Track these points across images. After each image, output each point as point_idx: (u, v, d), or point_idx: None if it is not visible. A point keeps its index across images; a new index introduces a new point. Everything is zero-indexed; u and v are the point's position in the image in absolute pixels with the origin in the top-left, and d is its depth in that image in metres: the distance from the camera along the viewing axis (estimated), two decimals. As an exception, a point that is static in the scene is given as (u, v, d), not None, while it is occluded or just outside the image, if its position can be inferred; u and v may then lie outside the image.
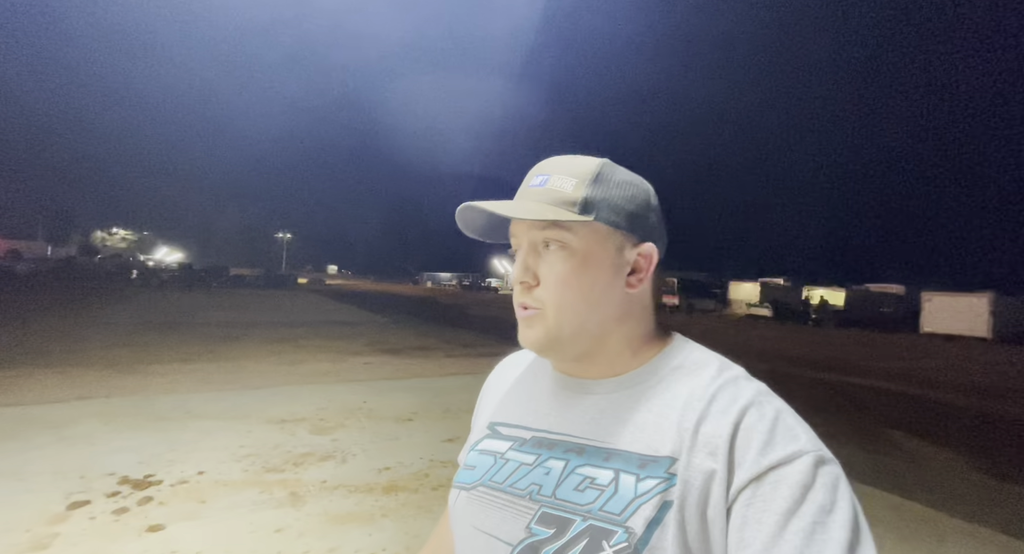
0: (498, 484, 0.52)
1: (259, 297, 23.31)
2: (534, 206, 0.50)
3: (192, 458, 3.24)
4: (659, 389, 0.50)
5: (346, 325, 12.70)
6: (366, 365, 7.09)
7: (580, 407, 0.53)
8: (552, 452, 0.51)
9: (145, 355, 6.91)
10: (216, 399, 4.75)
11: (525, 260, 0.52)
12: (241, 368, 6.37)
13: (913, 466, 4.00)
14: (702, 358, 0.52)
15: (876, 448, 4.41)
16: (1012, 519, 3.02)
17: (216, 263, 42.08)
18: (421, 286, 64.69)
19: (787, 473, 0.40)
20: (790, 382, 7.61)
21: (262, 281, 35.15)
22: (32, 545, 2.17)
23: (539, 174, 0.53)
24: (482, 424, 0.62)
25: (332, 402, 4.82)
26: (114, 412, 4.14)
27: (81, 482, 2.81)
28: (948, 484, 3.63)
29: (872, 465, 3.92)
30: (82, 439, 3.49)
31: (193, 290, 25.79)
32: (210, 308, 15.93)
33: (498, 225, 0.56)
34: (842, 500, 0.40)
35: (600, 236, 0.51)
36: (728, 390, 0.47)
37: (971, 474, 3.89)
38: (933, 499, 3.25)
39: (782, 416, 0.45)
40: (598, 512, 0.45)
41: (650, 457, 0.46)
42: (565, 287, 0.50)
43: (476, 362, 7.63)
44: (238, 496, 2.75)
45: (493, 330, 12.88)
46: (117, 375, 5.58)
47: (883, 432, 5.01)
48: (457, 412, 4.68)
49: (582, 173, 0.51)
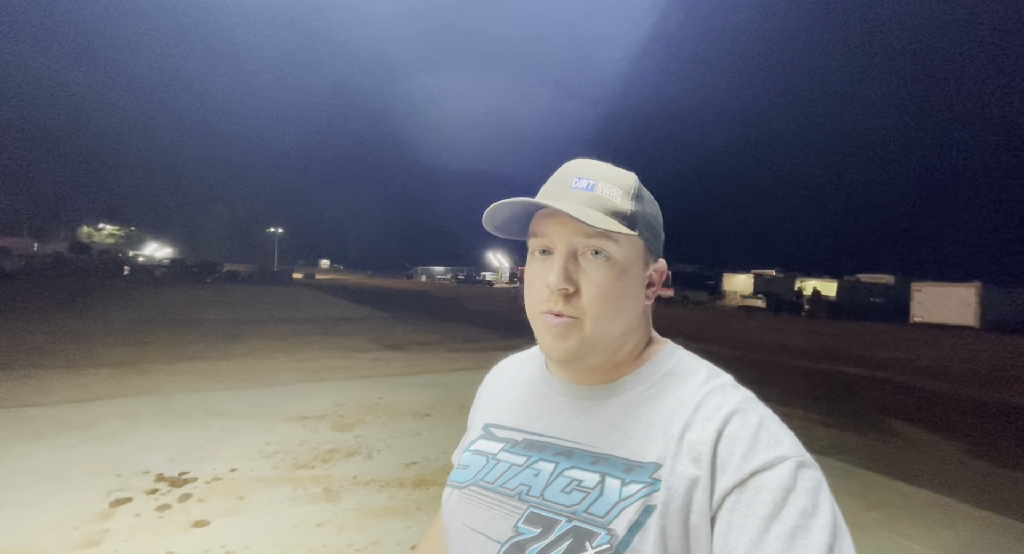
0: (489, 484, 0.53)
1: (256, 293, 23.18)
2: (593, 213, 0.49)
3: (222, 455, 3.31)
4: (648, 395, 0.51)
5: (347, 321, 12.73)
6: (374, 361, 7.16)
7: (572, 411, 0.54)
8: (542, 454, 0.52)
9: (152, 354, 6.92)
10: (234, 397, 4.81)
11: (566, 267, 0.50)
12: (251, 366, 6.41)
13: (915, 453, 4.17)
14: (691, 365, 0.53)
15: (876, 436, 4.58)
16: (1013, 503, 3.19)
17: (207, 259, 41.59)
18: (416, 281, 64.64)
19: (769, 478, 0.41)
20: (786, 372, 7.80)
21: (257, 277, 34.89)
22: (85, 541, 2.24)
23: (582, 177, 0.52)
24: (477, 425, 0.63)
25: (348, 398, 4.89)
26: (136, 412, 4.18)
27: (118, 480, 2.87)
28: (951, 471, 3.80)
29: (874, 452, 4.08)
30: (109, 438, 3.54)
31: (188, 286, 25.58)
32: (209, 305, 15.85)
33: (516, 220, 0.54)
34: (823, 504, 0.41)
35: (638, 250, 0.52)
36: (714, 397, 0.48)
37: (972, 461, 4.06)
38: (939, 486, 3.41)
39: (765, 423, 0.46)
40: (583, 514, 0.46)
41: (636, 462, 0.47)
42: (606, 298, 0.49)
43: (481, 357, 7.73)
44: (274, 492, 2.83)
45: (492, 325, 12.98)
46: (128, 375, 5.61)
47: (880, 420, 5.19)
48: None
49: (626, 185, 0.52)
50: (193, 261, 40.24)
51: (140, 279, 30.23)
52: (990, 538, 2.72)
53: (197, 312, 13.39)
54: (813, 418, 5.11)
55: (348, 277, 64.83)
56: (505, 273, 60.71)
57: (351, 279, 56.04)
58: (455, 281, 57.65)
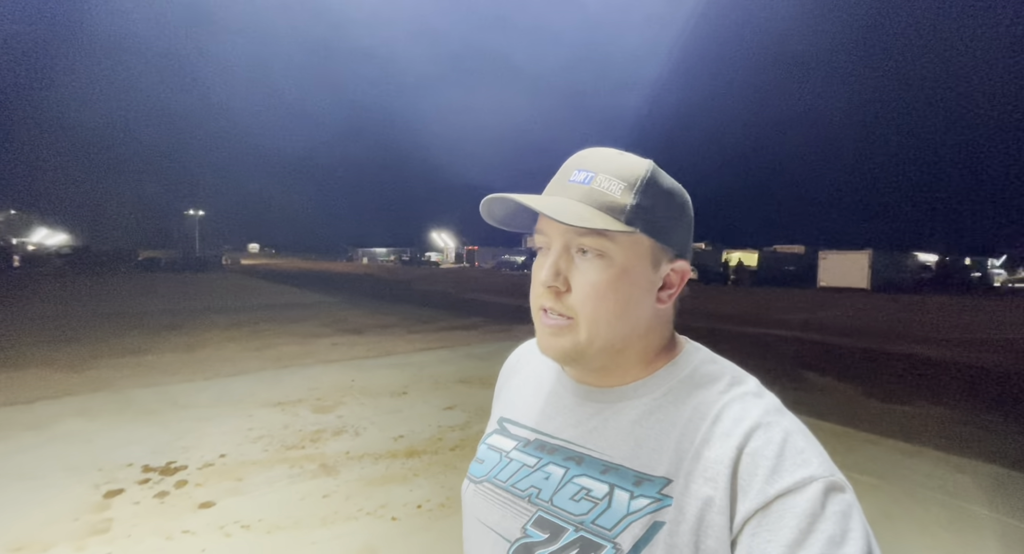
0: (501, 482, 0.54)
1: (184, 282, 21.48)
2: (578, 209, 0.47)
3: (205, 444, 3.32)
4: (664, 403, 0.49)
5: (294, 307, 12.30)
6: (334, 346, 7.12)
7: (584, 414, 0.52)
8: (552, 457, 0.52)
9: (85, 350, 6.44)
10: (197, 388, 4.69)
11: (556, 263, 0.49)
12: (204, 357, 6.18)
13: (823, 396, 4.98)
14: (711, 370, 0.51)
15: (795, 385, 5.39)
16: (897, 429, 3.97)
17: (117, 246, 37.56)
18: (356, 263, 62.38)
19: (795, 502, 0.39)
20: (719, 337, 8.72)
21: (180, 264, 32.09)
22: (91, 530, 2.26)
23: (582, 169, 0.49)
24: (495, 417, 0.63)
25: (320, 383, 4.93)
26: (93, 409, 4.00)
27: (102, 474, 2.84)
28: (850, 408, 4.60)
29: (794, 399, 4.84)
30: (74, 437, 3.41)
31: (100, 277, 23.12)
32: (134, 296, 14.57)
33: (522, 212, 0.51)
34: (854, 531, 0.38)
35: (642, 249, 0.48)
36: (733, 409, 0.46)
37: (866, 400, 4.92)
38: (841, 420, 4.15)
39: (791, 438, 0.43)
40: (590, 525, 0.46)
41: (646, 475, 0.46)
42: (600, 299, 0.47)
43: (442, 337, 7.91)
44: (270, 472, 2.93)
45: (445, 305, 13.12)
46: (64, 372, 5.24)
47: (797, 372, 6.06)
48: (447, 383, 5.01)
49: (631, 176, 0.48)
50: (100, 248, 36.16)
51: (36, 270, 26.85)
52: (882, 456, 3.42)
53: (122, 304, 12.31)
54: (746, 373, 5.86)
55: (281, 261, 61.23)
56: (451, 253, 60.10)
57: (285, 263, 53.05)
58: (399, 262, 56.35)
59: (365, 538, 2.29)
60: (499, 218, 0.53)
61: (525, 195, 0.48)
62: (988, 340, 8.81)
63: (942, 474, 3.11)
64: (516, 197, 0.47)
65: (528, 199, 0.47)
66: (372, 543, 2.26)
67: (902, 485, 2.95)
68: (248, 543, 2.22)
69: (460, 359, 6.30)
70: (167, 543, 2.20)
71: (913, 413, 4.47)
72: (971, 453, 3.46)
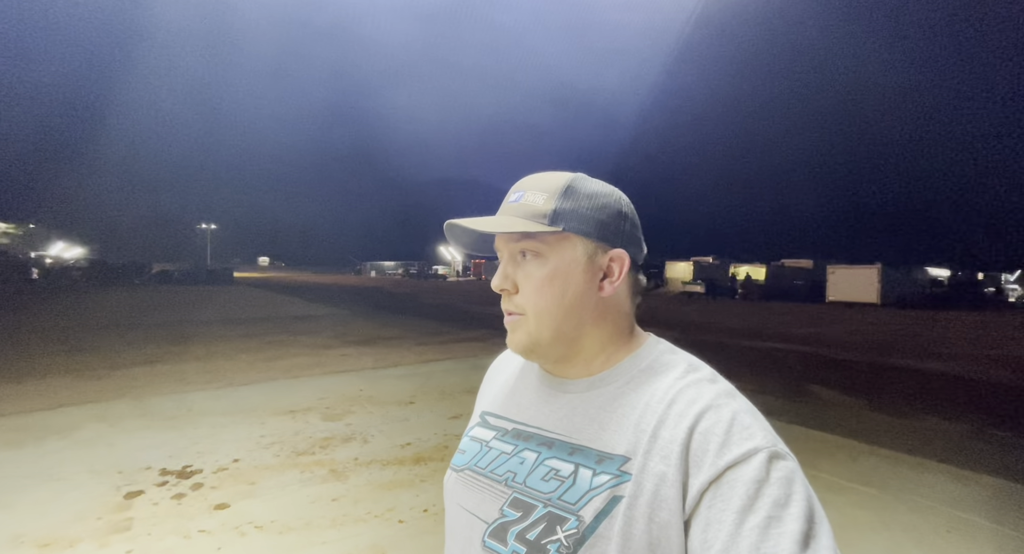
0: (481, 469, 0.58)
1: (196, 294, 21.86)
2: (508, 220, 0.55)
3: (220, 449, 3.44)
4: (626, 390, 0.53)
5: (304, 319, 12.49)
6: (344, 357, 7.25)
7: (555, 404, 0.57)
8: (527, 444, 0.57)
9: (105, 360, 6.63)
10: (213, 396, 4.82)
11: (504, 269, 0.56)
12: (217, 367, 6.33)
13: (828, 409, 4.99)
14: (670, 360, 0.55)
15: (801, 399, 5.40)
16: (902, 442, 3.98)
17: (131, 259, 38.32)
18: (365, 276, 62.91)
19: (743, 471, 0.42)
20: (727, 350, 8.73)
21: (193, 277, 32.63)
22: (113, 528, 2.38)
23: (516, 191, 0.57)
24: (477, 412, 0.68)
25: (330, 392, 5.05)
26: (113, 415, 4.14)
27: (122, 477, 2.96)
28: (855, 421, 4.61)
29: (798, 411, 4.86)
30: (97, 441, 3.54)
31: (115, 289, 23.61)
32: (147, 308, 14.90)
33: (487, 238, 0.59)
34: (796, 493, 0.42)
35: (570, 244, 0.54)
36: (688, 393, 0.50)
37: (871, 413, 4.93)
38: (846, 432, 4.17)
39: (738, 417, 0.47)
40: (557, 500, 0.50)
41: (607, 454, 0.50)
42: (540, 293, 0.54)
43: (449, 348, 8.02)
44: (282, 477, 3.04)
45: (452, 318, 13.24)
46: (85, 381, 5.41)
47: (804, 386, 6.07)
48: (453, 393, 5.10)
49: (552, 188, 0.55)
50: (115, 261, 36.92)
51: (55, 283, 27.48)
52: (884, 467, 3.45)
53: (137, 316, 12.60)
54: (749, 388, 5.88)
55: (291, 275, 61.95)
56: (458, 266, 60.40)
57: (295, 277, 53.67)
58: (406, 275, 56.73)
59: (373, 539, 2.38)
60: (465, 243, 0.62)
61: (468, 219, 0.56)
62: (1000, 356, 8.73)
63: (944, 485, 3.13)
64: (460, 221, 0.56)
65: (468, 221, 0.55)
66: (380, 544, 2.34)
67: (902, 495, 2.97)
68: (262, 542, 2.32)
69: (466, 370, 6.40)
70: (185, 542, 2.31)
71: (919, 427, 4.47)
72: (976, 466, 3.47)
